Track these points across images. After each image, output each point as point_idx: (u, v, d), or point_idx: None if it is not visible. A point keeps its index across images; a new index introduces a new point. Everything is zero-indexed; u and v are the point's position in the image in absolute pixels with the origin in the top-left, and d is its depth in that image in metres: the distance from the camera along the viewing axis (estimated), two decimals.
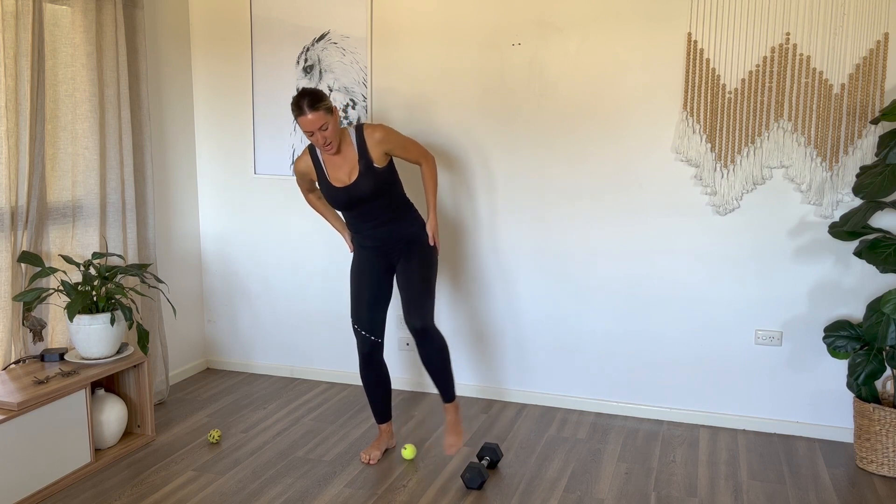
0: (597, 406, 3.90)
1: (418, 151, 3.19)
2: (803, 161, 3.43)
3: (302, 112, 2.91)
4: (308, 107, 2.90)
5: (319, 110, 2.91)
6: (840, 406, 3.56)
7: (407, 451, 3.31)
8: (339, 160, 3.09)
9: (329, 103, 2.96)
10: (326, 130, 2.95)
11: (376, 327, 3.24)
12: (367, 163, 3.05)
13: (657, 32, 3.55)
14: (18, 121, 3.16)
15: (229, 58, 4.24)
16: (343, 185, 3.08)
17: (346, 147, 3.08)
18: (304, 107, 2.91)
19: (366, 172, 3.04)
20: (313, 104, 2.90)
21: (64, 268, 3.44)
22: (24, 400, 2.88)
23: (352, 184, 3.06)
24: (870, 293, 3.45)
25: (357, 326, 3.24)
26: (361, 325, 3.24)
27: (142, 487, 3.08)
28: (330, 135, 2.97)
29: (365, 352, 3.26)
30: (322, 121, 2.93)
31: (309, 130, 2.94)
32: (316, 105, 2.91)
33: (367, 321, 3.23)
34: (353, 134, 3.08)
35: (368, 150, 3.06)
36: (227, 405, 3.97)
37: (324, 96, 2.95)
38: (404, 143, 3.14)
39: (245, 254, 4.41)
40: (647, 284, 3.74)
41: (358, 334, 3.25)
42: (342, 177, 3.09)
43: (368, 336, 3.24)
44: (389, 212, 3.15)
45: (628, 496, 3.02)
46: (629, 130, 3.66)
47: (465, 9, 3.81)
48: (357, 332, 3.25)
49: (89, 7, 3.44)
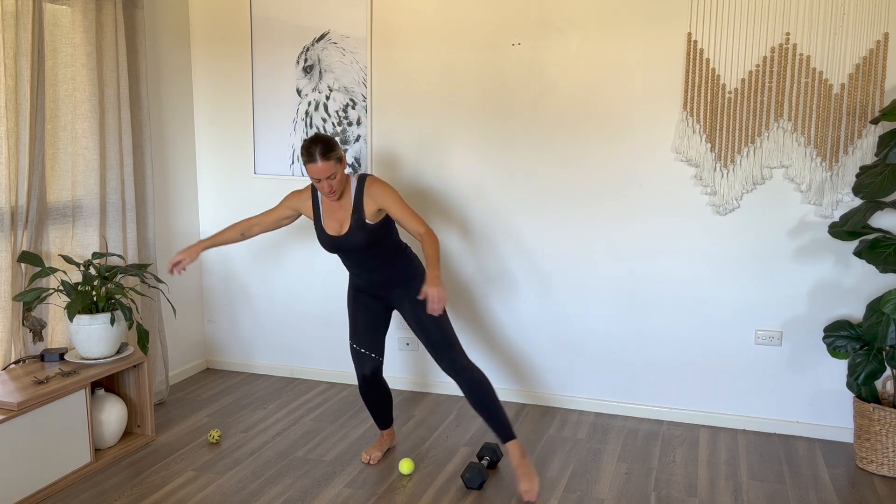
0: (597, 406, 3.90)
1: (417, 222, 2.95)
2: (803, 161, 3.43)
3: (313, 159, 2.84)
4: (320, 155, 2.83)
5: (331, 160, 2.85)
6: (840, 406, 3.56)
7: (404, 465, 3.20)
8: (336, 207, 3.02)
9: (340, 153, 2.89)
10: (334, 179, 2.89)
11: (377, 345, 3.18)
12: (360, 218, 2.96)
13: (657, 32, 3.55)
14: (18, 121, 3.16)
15: (229, 58, 4.24)
16: (336, 233, 3.02)
17: (345, 195, 3.01)
18: (315, 154, 2.83)
19: (356, 227, 2.97)
20: (325, 153, 2.83)
21: (64, 268, 3.44)
22: (24, 400, 2.88)
23: (342, 235, 2.99)
24: (870, 293, 3.45)
25: (356, 346, 3.18)
26: (361, 344, 3.17)
27: (142, 487, 3.08)
28: (336, 184, 2.91)
29: (365, 374, 3.17)
30: (332, 170, 2.86)
31: (317, 178, 2.87)
32: (328, 154, 2.84)
33: (367, 340, 3.16)
34: (353, 184, 3.01)
35: (363, 205, 2.97)
36: (227, 405, 3.97)
37: (336, 145, 2.88)
38: (402, 208, 2.96)
39: (245, 254, 4.41)
40: (646, 284, 3.74)
41: (357, 353, 3.17)
42: (335, 225, 3.02)
43: (369, 353, 3.16)
44: (382, 260, 3.06)
45: (628, 496, 3.02)
46: (629, 130, 3.66)
47: (465, 9, 3.81)
48: (356, 351, 3.18)
49: (89, 7, 3.44)
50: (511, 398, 4.04)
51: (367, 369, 3.17)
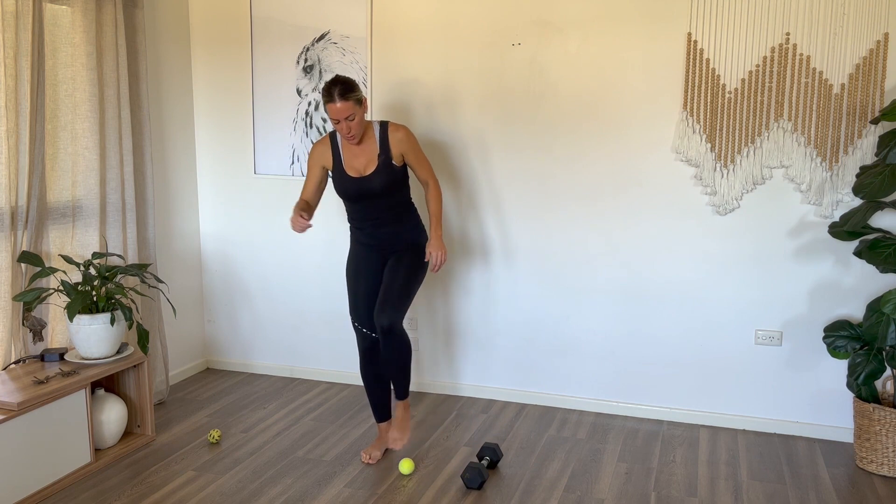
0: (597, 406, 3.90)
1: (429, 170, 3.21)
2: (803, 161, 3.43)
3: (332, 99, 2.92)
4: (339, 95, 2.91)
5: (349, 100, 2.93)
6: (840, 406, 3.56)
7: (404, 465, 3.21)
8: (358, 150, 3.11)
9: (360, 94, 2.97)
10: (353, 121, 2.97)
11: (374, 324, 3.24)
12: (387, 158, 3.08)
13: (657, 32, 3.55)
14: (18, 121, 3.16)
15: (229, 58, 4.24)
16: (358, 174, 3.09)
17: (367, 139, 3.10)
18: (334, 95, 2.91)
19: (383, 167, 3.07)
20: (344, 93, 2.91)
21: (64, 268, 3.44)
22: (24, 400, 2.88)
23: (367, 176, 3.08)
24: (870, 293, 3.45)
25: (357, 323, 3.27)
26: (361, 322, 3.26)
27: (142, 487, 3.08)
28: (356, 126, 2.98)
29: (365, 347, 3.27)
30: (350, 111, 2.94)
31: (336, 118, 2.95)
32: (347, 94, 2.92)
33: (367, 317, 3.25)
34: (377, 128, 3.11)
35: (390, 147, 3.09)
36: (227, 405, 3.97)
37: (356, 86, 2.96)
38: (419, 154, 3.17)
39: (245, 253, 4.41)
40: (646, 284, 3.74)
41: (358, 331, 3.27)
42: (358, 167, 3.10)
43: (369, 333, 3.26)
44: (394, 213, 3.17)
45: (628, 496, 3.02)
46: (629, 130, 3.66)
47: (465, 9, 3.81)
48: (357, 328, 3.27)
49: (89, 7, 3.44)
50: (511, 398, 4.04)
51: (367, 344, 3.27)
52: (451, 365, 4.13)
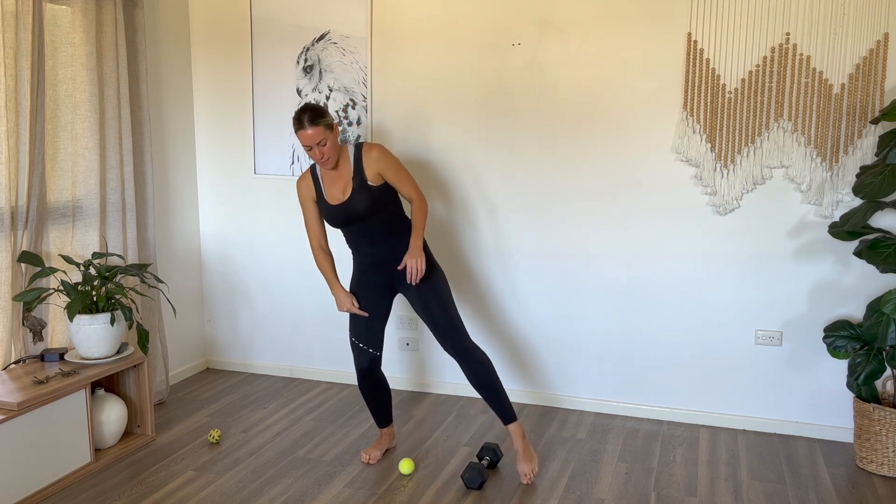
0: (597, 406, 3.90)
1: (412, 185, 3.08)
2: (803, 161, 3.43)
3: (302, 126, 2.92)
4: (308, 121, 2.91)
5: (319, 126, 2.92)
6: (840, 406, 3.56)
7: (404, 465, 3.20)
8: (335, 176, 3.08)
9: (330, 120, 2.97)
10: (325, 146, 2.96)
11: (375, 341, 3.20)
12: (361, 180, 3.03)
13: (657, 32, 3.55)
14: (18, 121, 3.16)
15: (229, 58, 4.24)
16: (338, 202, 3.06)
17: (343, 164, 3.07)
18: (304, 121, 2.91)
19: (359, 189, 3.02)
20: (314, 119, 2.91)
21: (64, 268, 3.44)
22: (24, 400, 2.88)
23: (346, 201, 3.04)
24: (870, 293, 3.45)
25: (355, 340, 3.20)
26: (360, 339, 3.19)
27: (142, 487, 3.08)
28: (328, 150, 2.97)
29: (363, 366, 3.21)
30: (321, 136, 2.93)
31: (307, 145, 2.95)
32: (316, 120, 2.92)
33: (366, 336, 3.19)
34: (351, 151, 3.08)
35: (364, 168, 3.04)
36: (227, 405, 3.97)
37: (325, 112, 2.96)
38: (399, 171, 3.06)
39: (245, 253, 4.41)
40: (647, 284, 3.74)
41: (356, 347, 3.21)
42: (337, 193, 3.07)
43: (367, 349, 3.19)
44: (387, 229, 3.10)
45: (628, 496, 3.02)
46: (629, 130, 3.66)
47: (465, 9, 3.81)
48: (355, 345, 3.21)
49: (89, 7, 3.44)
50: (511, 398, 4.03)
51: (365, 362, 3.22)
52: (451, 365, 4.13)
